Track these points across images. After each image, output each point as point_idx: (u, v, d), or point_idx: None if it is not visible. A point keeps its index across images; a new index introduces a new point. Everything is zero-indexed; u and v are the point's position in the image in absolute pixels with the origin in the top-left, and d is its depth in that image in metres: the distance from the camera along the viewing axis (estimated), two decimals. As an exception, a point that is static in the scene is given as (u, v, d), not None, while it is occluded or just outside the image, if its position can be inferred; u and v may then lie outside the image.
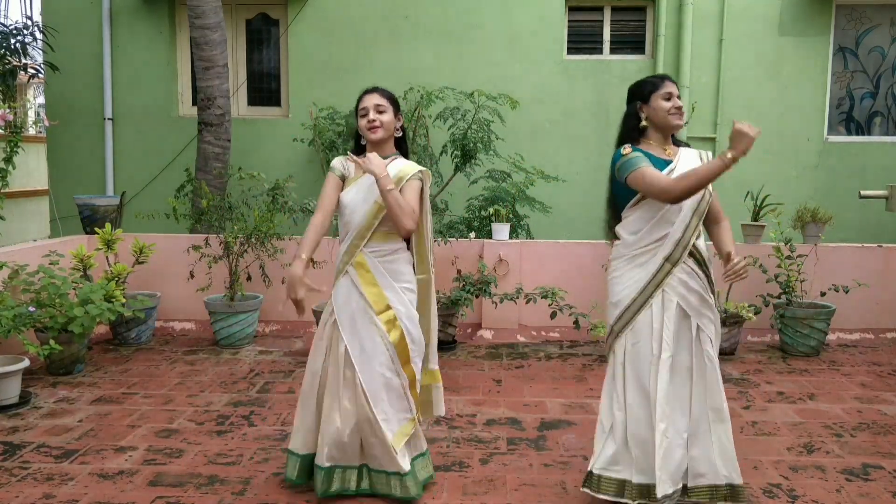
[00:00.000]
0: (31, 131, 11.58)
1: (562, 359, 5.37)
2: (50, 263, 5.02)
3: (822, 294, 5.63)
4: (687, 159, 2.86)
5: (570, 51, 7.79)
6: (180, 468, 3.39)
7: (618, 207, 2.92)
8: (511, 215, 6.38)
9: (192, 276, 5.69)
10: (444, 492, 3.16)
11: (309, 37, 7.72)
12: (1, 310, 4.29)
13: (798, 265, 5.51)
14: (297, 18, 7.71)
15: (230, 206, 5.83)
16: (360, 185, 3.03)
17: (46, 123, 6.16)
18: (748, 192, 6.18)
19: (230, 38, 7.72)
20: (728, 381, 4.82)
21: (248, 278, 5.75)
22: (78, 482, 3.23)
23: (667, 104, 2.82)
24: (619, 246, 2.90)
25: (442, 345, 5.51)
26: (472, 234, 6.18)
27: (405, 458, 3.02)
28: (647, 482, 2.76)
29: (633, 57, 7.75)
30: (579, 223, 7.54)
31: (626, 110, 2.94)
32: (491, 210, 6.12)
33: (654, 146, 2.87)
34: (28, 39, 7.90)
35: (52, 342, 4.44)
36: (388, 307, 2.98)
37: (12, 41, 7.73)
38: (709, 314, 2.84)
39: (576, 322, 5.28)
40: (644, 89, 2.89)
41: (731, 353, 5.42)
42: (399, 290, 3.01)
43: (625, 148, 2.84)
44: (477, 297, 5.54)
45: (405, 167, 3.04)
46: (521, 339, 5.91)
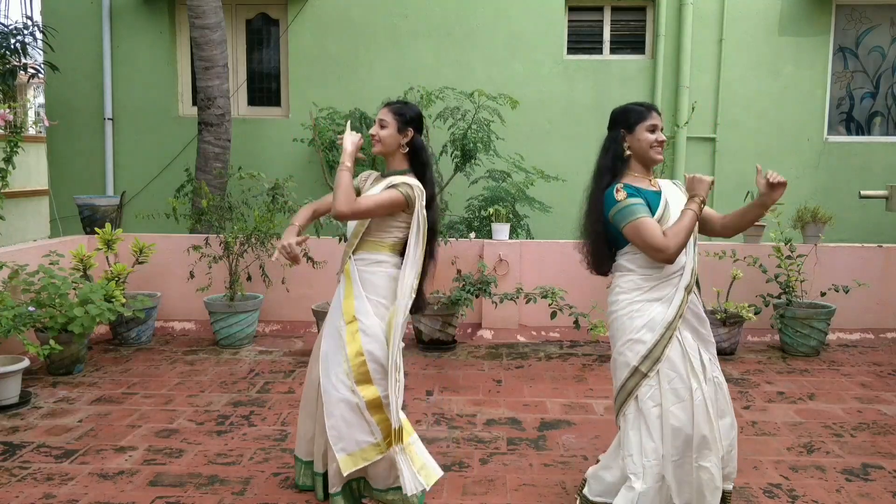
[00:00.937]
0: (31, 131, 11.57)
1: (562, 359, 5.37)
2: (50, 263, 5.02)
3: (822, 294, 5.63)
4: (672, 193, 2.78)
5: (570, 51, 7.79)
6: (180, 468, 3.39)
7: (615, 244, 2.79)
8: (511, 215, 6.38)
9: (192, 276, 5.69)
10: (444, 492, 3.16)
11: (309, 37, 7.72)
12: (1, 310, 4.29)
13: (798, 265, 5.51)
14: (297, 18, 7.71)
15: (230, 206, 5.83)
16: (364, 195, 3.01)
17: (46, 123, 6.16)
18: (748, 192, 6.17)
19: (230, 38, 7.72)
20: (728, 381, 4.79)
21: (248, 278, 5.75)
22: (78, 482, 3.23)
23: (650, 136, 2.72)
24: (631, 278, 2.72)
25: (442, 345, 5.53)
26: (472, 234, 6.18)
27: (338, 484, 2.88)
28: None
29: (633, 57, 7.76)
30: (580, 223, 7.53)
31: (608, 136, 2.82)
32: (491, 210, 6.12)
33: (640, 178, 2.77)
34: (28, 39, 7.89)
35: (52, 342, 4.44)
36: (354, 318, 2.89)
37: (12, 41, 7.72)
38: (709, 337, 2.78)
39: (576, 322, 5.28)
40: (629, 118, 2.75)
41: (731, 353, 5.42)
42: (367, 301, 2.90)
43: (617, 190, 2.68)
44: (477, 297, 5.54)
45: (395, 178, 2.95)
46: (521, 339, 5.91)
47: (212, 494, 3.13)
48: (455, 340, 5.67)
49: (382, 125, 2.99)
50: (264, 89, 8.04)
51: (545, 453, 3.60)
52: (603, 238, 2.83)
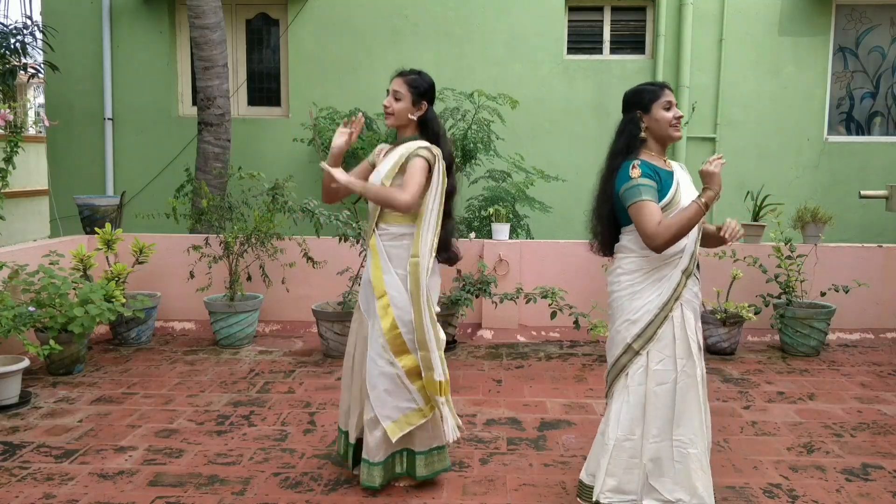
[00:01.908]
0: (31, 131, 11.57)
1: (562, 359, 5.37)
2: (50, 263, 5.02)
3: (822, 294, 5.63)
4: (682, 175, 2.80)
5: (570, 51, 7.79)
6: (180, 468, 3.39)
7: (622, 220, 2.79)
8: (511, 215, 6.38)
9: (192, 276, 5.69)
10: (444, 492, 3.16)
11: (309, 37, 7.72)
12: (1, 310, 4.29)
13: (798, 265, 5.50)
14: (297, 18, 7.71)
15: (230, 206, 5.83)
16: (378, 168, 3.08)
17: (46, 123, 6.15)
18: (748, 192, 6.18)
19: (230, 38, 7.72)
20: (728, 381, 4.82)
21: (248, 278, 5.74)
22: (78, 482, 3.23)
23: (668, 115, 2.73)
24: (633, 259, 2.75)
25: (442, 345, 5.52)
26: (472, 234, 6.18)
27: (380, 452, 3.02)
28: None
29: (633, 57, 7.75)
30: (579, 223, 7.46)
31: (624, 118, 2.82)
32: (491, 210, 6.12)
33: (656, 157, 2.78)
34: (28, 39, 7.89)
35: (52, 342, 4.44)
36: (385, 292, 2.97)
37: (12, 41, 7.72)
38: (698, 318, 2.81)
39: (576, 322, 5.27)
40: (644, 98, 2.76)
41: (731, 353, 5.42)
42: (396, 276, 2.98)
43: (633, 167, 2.68)
44: (477, 297, 5.54)
45: (405, 147, 2.99)
46: (521, 339, 5.91)
47: (212, 494, 3.13)
48: (455, 340, 5.67)
49: (397, 97, 3.00)
50: (264, 89, 8.04)
51: (545, 453, 3.60)
52: (611, 219, 2.84)
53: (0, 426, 3.90)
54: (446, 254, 3.16)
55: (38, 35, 7.89)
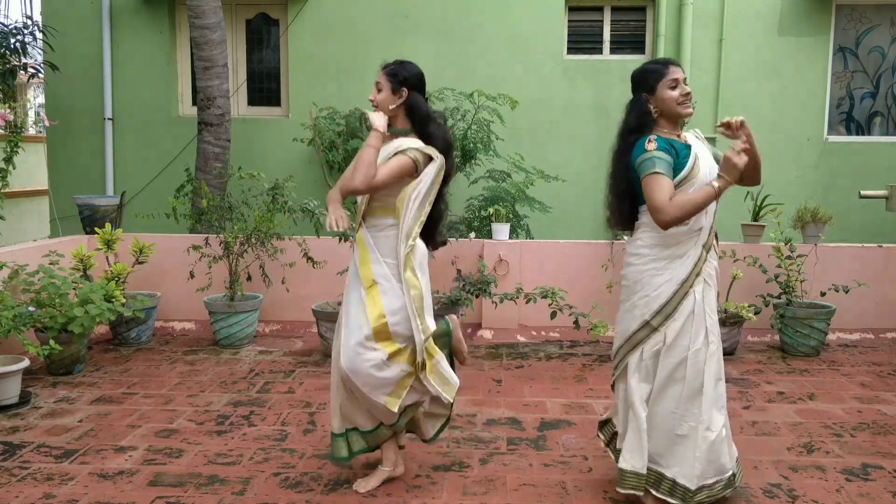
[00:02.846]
0: (31, 131, 11.57)
1: (562, 359, 5.37)
2: (50, 263, 5.02)
3: (822, 294, 5.63)
4: (699, 147, 2.79)
5: (570, 51, 7.79)
6: (180, 468, 3.39)
7: (637, 198, 2.79)
8: (511, 215, 6.38)
9: (192, 276, 5.69)
10: (444, 492, 3.16)
11: (309, 37, 7.72)
12: (1, 310, 4.29)
13: (798, 265, 5.50)
14: (297, 18, 7.72)
15: (230, 206, 5.83)
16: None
17: (46, 123, 6.15)
18: (748, 192, 6.18)
19: (230, 38, 7.72)
20: (728, 381, 4.81)
21: (248, 278, 5.74)
22: (78, 482, 3.23)
23: (674, 93, 2.72)
24: (653, 235, 2.74)
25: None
26: (472, 234, 6.18)
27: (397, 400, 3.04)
28: (685, 481, 2.75)
29: (633, 57, 7.75)
30: (579, 223, 7.55)
31: (631, 100, 2.82)
32: (491, 210, 6.12)
33: (669, 133, 2.78)
34: (28, 39, 7.90)
35: (52, 342, 4.43)
36: (374, 282, 2.98)
37: (12, 41, 7.72)
38: (715, 302, 2.84)
39: (576, 322, 5.27)
40: (648, 79, 2.76)
41: (731, 353, 5.42)
42: (385, 265, 3.00)
43: (649, 141, 2.69)
44: (477, 297, 5.54)
45: (399, 142, 3.02)
46: (521, 339, 5.91)
47: (212, 494, 3.13)
48: (455, 340, 5.66)
49: (378, 88, 3.05)
50: (264, 89, 8.04)
51: (545, 453, 3.60)
52: (627, 195, 2.84)
53: (0, 426, 3.90)
54: (433, 240, 3.20)
55: (38, 35, 7.89)
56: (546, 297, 5.34)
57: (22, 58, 7.91)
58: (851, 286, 5.60)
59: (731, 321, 5.33)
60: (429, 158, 3.02)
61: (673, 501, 2.76)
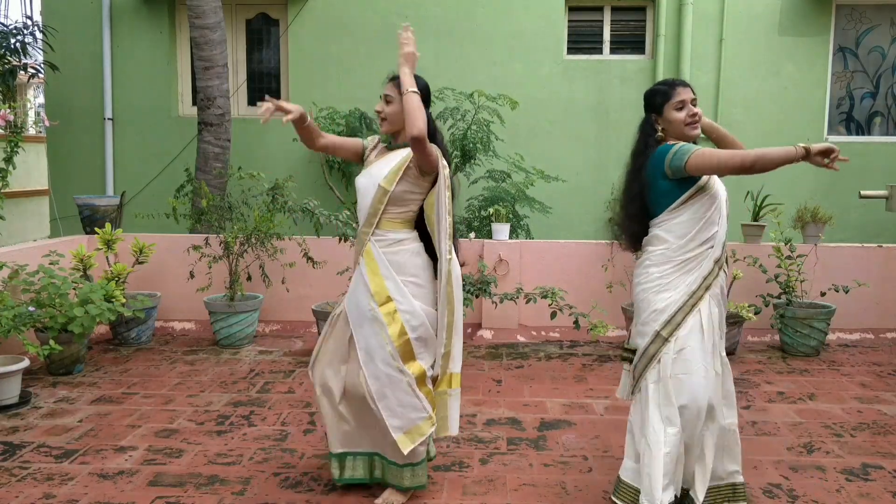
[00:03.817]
0: (31, 131, 11.57)
1: (562, 359, 5.37)
2: (50, 263, 5.02)
3: (822, 294, 5.63)
4: None
5: (570, 51, 7.79)
6: (180, 468, 3.39)
7: (655, 211, 2.76)
8: (511, 215, 6.38)
9: (192, 276, 5.69)
10: (443, 492, 3.16)
11: (309, 37, 7.72)
12: (1, 310, 4.29)
13: (798, 265, 5.51)
14: (297, 18, 7.71)
15: (230, 206, 5.83)
16: (370, 170, 3.02)
17: (46, 123, 6.15)
18: (748, 192, 6.18)
19: (230, 38, 7.72)
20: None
21: (248, 278, 5.74)
22: (78, 482, 3.23)
23: (680, 115, 2.71)
24: (663, 251, 2.72)
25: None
26: (472, 234, 6.18)
27: (419, 449, 2.96)
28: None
29: (633, 57, 7.75)
30: (579, 223, 7.54)
31: (642, 120, 2.84)
32: (491, 210, 6.12)
33: None
34: (28, 39, 7.90)
35: (52, 342, 4.43)
36: (389, 299, 2.91)
37: (12, 41, 7.72)
38: (723, 310, 2.81)
39: (576, 322, 5.27)
40: (656, 100, 2.76)
41: (731, 353, 5.41)
42: (400, 283, 2.92)
43: (670, 143, 2.73)
44: (477, 297, 5.53)
45: (408, 150, 2.93)
46: (521, 339, 5.91)
47: (212, 494, 3.13)
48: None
49: (388, 100, 2.96)
50: (264, 89, 8.03)
51: (545, 453, 3.60)
52: (640, 214, 2.82)
53: (0, 426, 3.90)
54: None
55: (38, 35, 7.89)
56: (546, 297, 5.34)
57: (22, 58, 7.91)
58: (851, 286, 5.60)
59: (731, 321, 5.32)
60: (441, 159, 2.96)
61: None
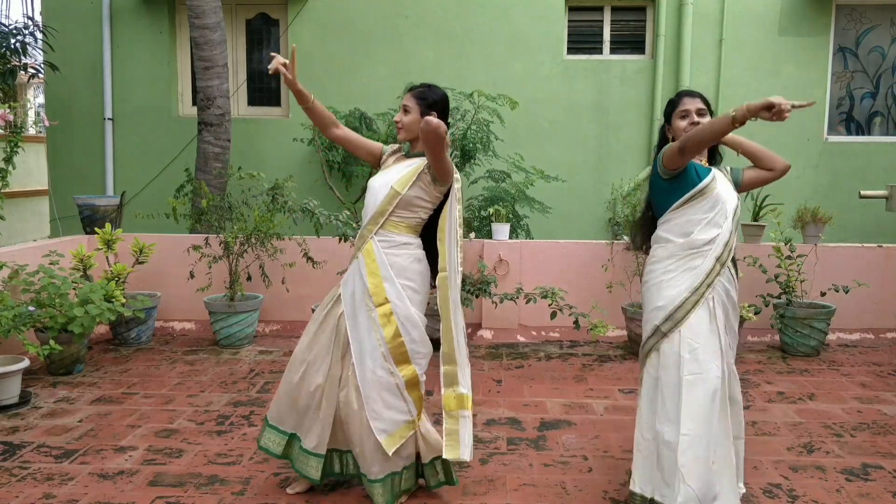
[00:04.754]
0: (31, 131, 11.57)
1: (562, 359, 5.37)
2: (50, 263, 5.02)
3: (822, 294, 5.63)
4: (720, 175, 2.86)
5: (570, 51, 7.79)
6: (180, 468, 3.39)
7: (659, 211, 2.88)
8: (511, 215, 6.38)
9: (192, 276, 5.69)
10: (443, 492, 3.16)
11: (309, 37, 7.72)
12: (1, 310, 4.29)
13: (798, 265, 5.51)
14: (297, 18, 7.71)
15: (230, 206, 5.83)
16: (386, 172, 3.04)
17: (46, 123, 6.15)
18: (747, 193, 6.18)
19: (230, 38, 7.72)
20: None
21: (248, 278, 5.74)
22: (78, 482, 3.23)
23: (682, 123, 2.84)
24: (667, 247, 2.81)
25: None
26: (472, 234, 6.18)
27: (387, 463, 2.93)
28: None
29: (633, 57, 7.75)
30: (579, 223, 7.55)
31: (660, 129, 3.05)
32: (491, 210, 6.12)
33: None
34: (28, 39, 7.90)
35: (52, 342, 4.44)
36: (386, 300, 2.91)
37: (12, 41, 7.72)
38: (734, 324, 2.82)
39: (576, 322, 5.27)
40: (667, 110, 2.95)
41: (731, 353, 5.42)
42: (399, 286, 2.93)
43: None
44: (477, 297, 5.53)
45: (422, 159, 2.95)
46: (521, 339, 5.91)
47: (212, 494, 3.13)
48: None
49: (406, 111, 3.00)
50: (264, 89, 8.04)
51: (545, 453, 3.60)
52: (651, 216, 2.98)
53: (0, 426, 3.90)
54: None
55: (39, 35, 7.89)
56: (546, 297, 5.34)
57: (22, 58, 7.91)
58: (851, 286, 5.60)
59: (731, 321, 5.33)
60: (456, 174, 3.00)
61: None
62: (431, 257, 3.06)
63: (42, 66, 8.01)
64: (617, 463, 3.48)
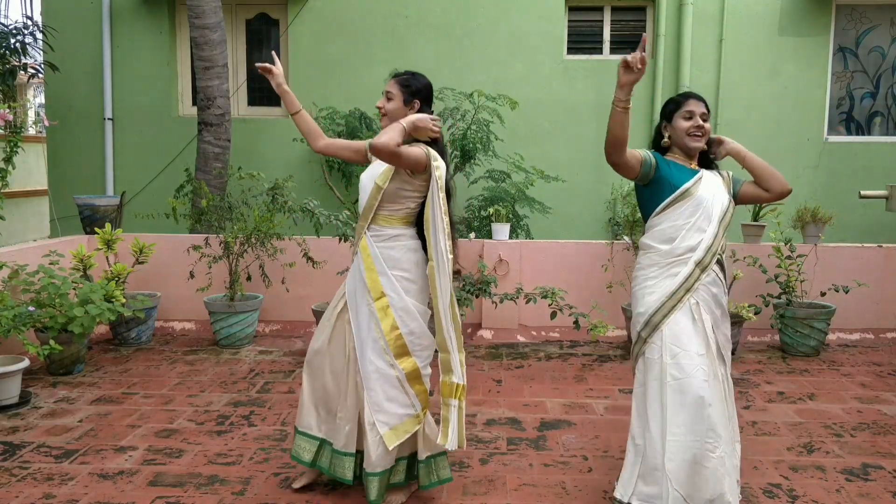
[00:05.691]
0: (31, 131, 11.57)
1: (562, 359, 5.37)
2: (50, 263, 5.02)
3: (822, 294, 5.63)
4: (710, 177, 2.84)
5: (570, 51, 7.79)
6: (180, 468, 3.39)
7: (643, 218, 2.92)
8: (511, 215, 6.38)
9: (192, 276, 5.69)
10: (443, 492, 3.16)
11: (309, 37, 7.72)
12: (1, 310, 4.29)
13: (798, 265, 5.51)
14: (297, 19, 7.71)
15: (230, 206, 5.83)
16: (371, 168, 3.05)
17: (46, 123, 6.16)
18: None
19: (230, 38, 7.72)
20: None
21: (248, 278, 5.74)
22: (78, 482, 3.23)
23: (685, 124, 2.81)
24: (650, 254, 2.82)
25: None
26: (472, 234, 6.18)
27: (388, 457, 2.94)
28: None
29: (633, 57, 7.74)
30: (579, 223, 7.55)
31: (655, 126, 3.01)
32: (491, 210, 6.12)
33: (680, 160, 2.87)
34: (28, 39, 7.89)
35: (52, 342, 4.43)
36: (383, 294, 2.92)
37: (12, 41, 7.72)
38: (725, 329, 2.83)
39: (576, 322, 5.27)
40: (668, 108, 2.91)
41: (732, 352, 5.41)
42: (392, 278, 2.93)
43: (673, 150, 2.90)
44: (477, 297, 5.53)
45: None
46: (521, 339, 5.91)
47: (212, 494, 3.13)
48: (455, 340, 5.66)
49: (389, 97, 3.00)
50: (264, 89, 8.02)
51: (545, 453, 3.60)
52: (641, 209, 3.00)
53: (0, 426, 3.90)
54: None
55: (38, 35, 7.89)
56: (546, 297, 5.33)
57: (22, 58, 7.91)
58: (851, 286, 5.60)
59: (731, 321, 5.32)
60: (429, 158, 2.93)
61: None
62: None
63: (42, 66, 8.01)
64: (617, 463, 3.47)
